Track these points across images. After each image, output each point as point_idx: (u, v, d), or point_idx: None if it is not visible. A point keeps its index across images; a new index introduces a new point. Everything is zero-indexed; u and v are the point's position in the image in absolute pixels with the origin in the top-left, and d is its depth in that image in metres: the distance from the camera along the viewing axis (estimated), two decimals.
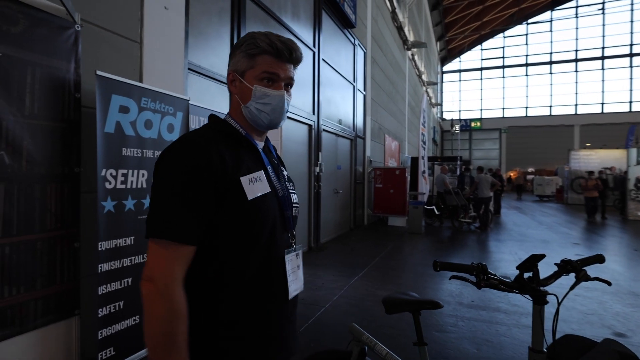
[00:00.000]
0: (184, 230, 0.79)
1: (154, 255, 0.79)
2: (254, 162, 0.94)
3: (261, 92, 0.93)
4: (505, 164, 33.79)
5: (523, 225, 10.18)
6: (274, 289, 0.92)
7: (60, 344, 2.27)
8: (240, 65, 0.94)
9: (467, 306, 3.78)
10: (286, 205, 0.98)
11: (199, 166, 0.82)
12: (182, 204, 0.80)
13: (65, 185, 2.28)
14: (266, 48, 0.91)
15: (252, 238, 0.88)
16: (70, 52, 2.30)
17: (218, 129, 0.95)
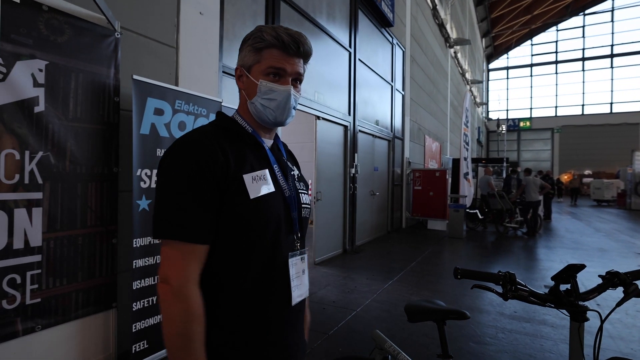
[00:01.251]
0: (194, 230, 0.78)
1: (167, 256, 0.78)
2: (259, 160, 0.91)
3: (266, 87, 0.89)
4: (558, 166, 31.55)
5: (577, 232, 9.41)
6: (276, 293, 0.88)
7: (99, 335, 2.39)
8: (247, 60, 0.92)
9: (509, 317, 3.53)
10: (293, 206, 0.94)
11: (202, 164, 0.80)
12: (190, 202, 0.78)
13: (104, 184, 2.41)
14: (272, 41, 0.88)
15: (254, 239, 0.85)
16: (110, 59, 2.43)
17: (223, 125, 0.93)
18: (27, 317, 2.04)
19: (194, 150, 0.82)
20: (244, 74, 0.93)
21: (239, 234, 0.84)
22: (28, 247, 2.04)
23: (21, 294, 2.01)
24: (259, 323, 0.85)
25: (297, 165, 1.13)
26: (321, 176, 5.60)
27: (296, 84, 0.94)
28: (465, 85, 21.05)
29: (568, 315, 1.00)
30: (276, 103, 0.90)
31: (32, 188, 2.06)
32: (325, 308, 3.70)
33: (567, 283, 1.02)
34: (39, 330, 2.09)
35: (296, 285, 0.92)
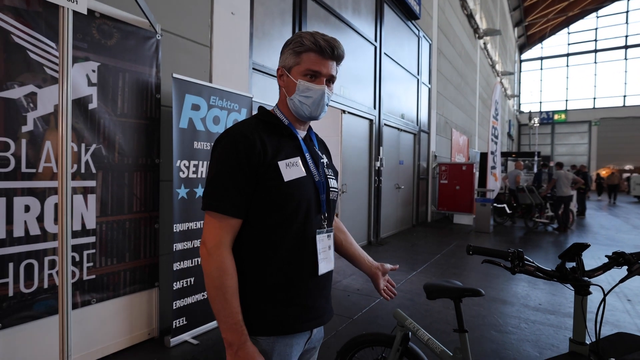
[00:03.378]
0: (231, 206, 0.94)
1: (208, 224, 0.96)
2: (292, 149, 1.05)
3: (304, 86, 1.03)
4: (596, 161, 30.08)
5: (612, 229, 9.06)
6: (305, 264, 1.03)
7: (144, 310, 2.64)
8: (288, 62, 1.05)
9: (533, 309, 3.55)
10: (322, 189, 1.08)
11: (242, 153, 0.96)
12: (230, 183, 0.94)
13: (148, 174, 2.64)
14: (310, 46, 1.01)
15: (288, 216, 0.99)
16: (152, 59, 2.64)
17: (264, 119, 1.07)
18: (85, 291, 2.30)
19: (237, 141, 0.98)
20: (285, 74, 1.07)
21: (276, 211, 0.98)
22: (84, 229, 2.30)
23: (79, 271, 2.28)
24: (289, 287, 1.00)
25: (328, 154, 1.26)
26: (346, 169, 5.72)
27: (329, 84, 1.07)
28: (495, 77, 20.44)
29: (572, 289, 1.09)
30: (312, 100, 1.04)
31: (88, 177, 2.31)
32: (350, 295, 3.84)
33: (573, 261, 1.10)
34: (94, 304, 2.35)
35: (323, 259, 1.05)
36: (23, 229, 2.03)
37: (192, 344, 2.64)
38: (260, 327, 0.98)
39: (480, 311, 3.46)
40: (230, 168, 0.95)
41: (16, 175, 2.00)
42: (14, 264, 1.99)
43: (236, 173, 0.95)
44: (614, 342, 1.12)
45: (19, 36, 1.99)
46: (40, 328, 2.09)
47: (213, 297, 0.92)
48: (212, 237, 0.94)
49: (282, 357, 0.99)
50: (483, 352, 2.68)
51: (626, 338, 1.15)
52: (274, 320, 0.98)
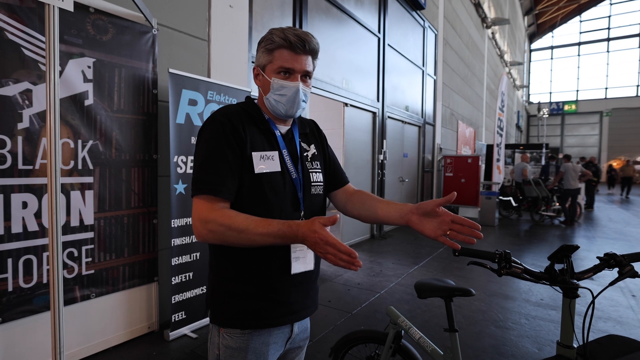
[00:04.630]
0: (223, 187, 0.93)
1: (197, 205, 0.93)
2: (270, 143, 1.04)
3: (278, 84, 1.01)
4: (607, 152, 29.56)
5: (621, 222, 8.92)
6: (276, 262, 1.00)
7: (144, 304, 2.67)
8: (262, 60, 1.03)
9: (535, 304, 3.52)
10: (299, 186, 1.05)
11: (232, 135, 0.96)
12: (222, 165, 0.94)
13: (145, 169, 2.65)
14: (281, 42, 0.98)
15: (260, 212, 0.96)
16: (149, 54, 2.63)
17: (247, 109, 1.06)
18: (84, 285, 2.33)
19: (224, 124, 0.98)
20: (260, 73, 1.05)
21: (248, 204, 0.98)
22: (82, 224, 2.32)
23: (78, 266, 2.30)
24: (259, 282, 0.99)
25: (321, 143, 1.22)
26: (349, 162, 5.69)
27: (305, 79, 1.04)
28: (503, 67, 20.09)
29: (561, 292, 1.07)
30: (286, 98, 1.02)
31: (85, 173, 2.32)
32: (350, 290, 3.84)
33: (562, 263, 1.08)
34: (94, 298, 2.38)
35: (296, 257, 1.02)
36: (21, 225, 2.05)
37: (191, 337, 2.67)
38: (230, 319, 0.99)
39: (481, 306, 3.44)
40: (221, 150, 0.95)
41: (13, 172, 2.01)
42: (13, 260, 2.02)
43: (226, 155, 0.95)
44: (604, 345, 1.10)
45: (12, 33, 1.98)
46: (39, 322, 2.12)
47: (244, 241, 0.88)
48: (201, 210, 0.91)
49: (257, 355, 0.99)
50: (482, 348, 2.67)
51: (617, 341, 1.13)
52: (245, 312, 0.98)
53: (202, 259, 2.83)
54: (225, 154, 0.95)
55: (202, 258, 2.83)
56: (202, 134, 1.00)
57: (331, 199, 1.27)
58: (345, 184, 1.25)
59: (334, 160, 1.26)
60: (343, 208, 1.23)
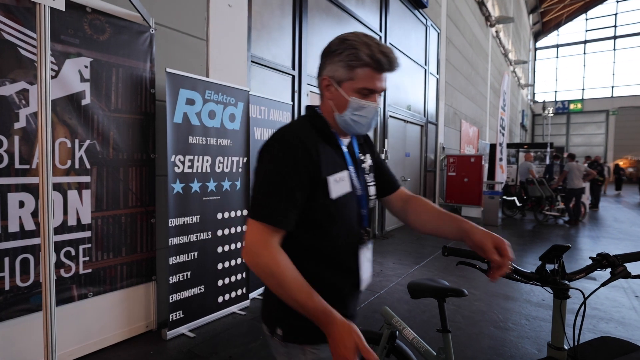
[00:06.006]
0: (283, 218, 0.88)
1: (253, 230, 0.89)
2: (339, 161, 1.00)
3: (358, 104, 0.95)
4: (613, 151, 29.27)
5: (626, 222, 8.83)
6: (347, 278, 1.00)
7: (142, 303, 2.68)
8: (339, 74, 0.95)
9: (536, 304, 3.49)
10: (363, 203, 1.04)
11: (299, 163, 0.90)
12: (285, 193, 0.88)
13: (143, 169, 2.65)
14: (368, 62, 0.91)
15: (332, 234, 0.96)
16: (146, 53, 2.63)
17: (315, 123, 1.00)
18: (81, 284, 2.34)
19: (293, 146, 0.91)
20: (333, 86, 0.97)
21: (318, 228, 0.95)
22: (80, 224, 2.33)
23: (75, 265, 2.31)
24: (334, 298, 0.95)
25: (372, 151, 1.20)
26: None
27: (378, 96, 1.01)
28: (507, 66, 19.95)
29: (552, 293, 1.05)
30: (366, 119, 0.97)
31: (82, 172, 2.33)
32: None
33: (553, 263, 1.06)
34: (91, 297, 2.39)
35: (364, 271, 1.04)
36: (18, 224, 2.06)
37: (189, 336, 2.67)
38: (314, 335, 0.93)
39: (481, 307, 3.41)
40: (285, 176, 0.89)
41: (10, 171, 2.02)
42: (10, 259, 2.03)
43: (291, 182, 0.89)
44: (596, 347, 1.08)
45: (9, 33, 1.99)
46: (36, 321, 2.13)
47: (281, 295, 0.86)
48: (257, 239, 0.88)
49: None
50: (480, 348, 2.65)
51: (610, 343, 1.11)
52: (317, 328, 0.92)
53: (199, 259, 2.83)
54: (292, 181, 0.89)
55: (200, 257, 2.83)
56: (268, 151, 0.93)
57: (385, 205, 1.24)
58: (397, 189, 1.22)
59: (384, 165, 1.22)
60: (403, 218, 1.19)
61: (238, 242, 3.16)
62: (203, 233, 2.85)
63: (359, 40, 0.92)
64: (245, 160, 3.23)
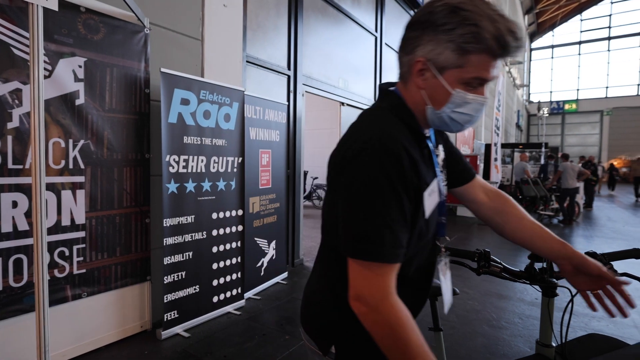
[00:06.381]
0: (398, 250, 0.69)
1: (364, 275, 0.68)
2: (429, 167, 0.80)
3: (462, 99, 0.73)
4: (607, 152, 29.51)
5: (620, 221, 8.91)
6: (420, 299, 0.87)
7: (136, 303, 2.68)
8: (443, 59, 0.71)
9: (529, 303, 3.52)
10: (443, 209, 0.86)
11: (407, 173, 0.70)
12: (394, 219, 0.68)
13: (138, 169, 2.65)
14: (491, 46, 0.67)
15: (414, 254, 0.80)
16: (141, 53, 2.63)
17: (402, 118, 0.78)
18: (75, 285, 2.34)
19: (400, 160, 0.69)
20: (430, 72, 0.73)
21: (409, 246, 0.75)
22: (74, 224, 2.32)
23: (69, 265, 2.31)
24: None
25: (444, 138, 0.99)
26: None
27: None
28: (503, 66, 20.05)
29: (540, 291, 1.07)
30: (468, 118, 0.76)
31: (76, 172, 2.32)
32: None
33: (542, 261, 1.08)
34: (85, 297, 2.39)
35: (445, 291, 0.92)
36: (11, 224, 2.05)
37: (184, 336, 2.67)
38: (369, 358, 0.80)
39: (475, 305, 3.44)
40: (398, 196, 0.68)
41: (3, 171, 2.01)
42: (3, 259, 2.02)
43: (404, 203, 0.69)
44: (584, 344, 1.10)
45: (2, 32, 1.99)
46: (29, 321, 2.12)
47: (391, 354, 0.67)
48: (373, 289, 0.67)
49: None
50: (474, 347, 2.67)
51: (598, 340, 1.13)
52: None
53: (194, 259, 2.83)
54: (402, 201, 0.69)
55: (195, 257, 2.83)
56: (365, 161, 0.69)
57: (456, 194, 1.05)
58: (472, 178, 1.03)
59: (456, 151, 1.02)
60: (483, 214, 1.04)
61: (233, 242, 3.17)
62: (198, 233, 2.85)
63: (479, 12, 0.67)
64: (240, 160, 3.23)
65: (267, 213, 3.66)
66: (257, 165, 3.52)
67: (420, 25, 0.73)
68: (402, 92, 0.81)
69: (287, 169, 4.22)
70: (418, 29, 0.73)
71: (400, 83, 0.82)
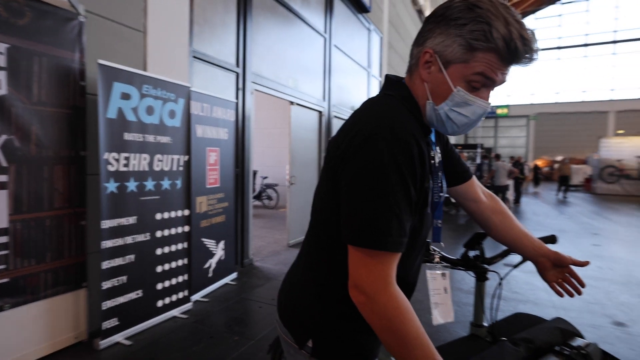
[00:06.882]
0: (402, 239, 0.68)
1: (365, 263, 0.68)
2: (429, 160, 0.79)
3: (463, 98, 0.72)
4: (533, 153, 32.60)
5: (542, 215, 9.90)
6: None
7: (70, 313, 2.48)
8: (450, 53, 0.70)
9: (466, 292, 3.79)
10: (439, 211, 0.85)
11: (417, 163, 0.70)
12: (402, 206, 0.68)
13: (72, 167, 2.46)
14: (499, 46, 0.66)
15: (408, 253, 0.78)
16: (75, 43, 2.44)
17: (410, 110, 0.77)
18: None
19: (410, 148, 0.68)
20: (437, 65, 0.73)
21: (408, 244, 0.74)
22: None
23: None
24: None
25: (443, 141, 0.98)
26: (295, 160, 5.71)
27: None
28: None
29: (474, 276, 1.17)
30: (466, 120, 0.75)
31: None
32: None
33: (475, 249, 1.19)
34: (8, 309, 2.16)
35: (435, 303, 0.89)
36: None
37: (125, 345, 2.52)
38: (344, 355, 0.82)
39: (418, 297, 3.61)
40: (406, 185, 0.68)
41: None
42: None
43: (410, 192, 0.69)
44: (511, 322, 1.23)
45: None
46: None
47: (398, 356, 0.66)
48: (373, 278, 0.67)
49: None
50: None
51: (522, 318, 1.26)
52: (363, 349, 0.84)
53: (137, 262, 2.68)
54: (409, 191, 0.68)
55: (137, 260, 2.68)
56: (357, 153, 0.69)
57: (452, 194, 1.08)
58: (469, 178, 1.06)
59: (454, 153, 1.03)
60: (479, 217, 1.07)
61: (179, 243, 3.05)
62: (141, 234, 2.71)
63: (494, 12, 0.66)
64: (187, 159, 3.12)
65: (215, 213, 3.57)
66: (205, 164, 3.42)
67: (436, 19, 0.73)
68: (409, 85, 0.81)
69: (236, 167, 4.14)
70: (433, 23, 0.74)
71: (407, 76, 0.82)
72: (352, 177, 0.69)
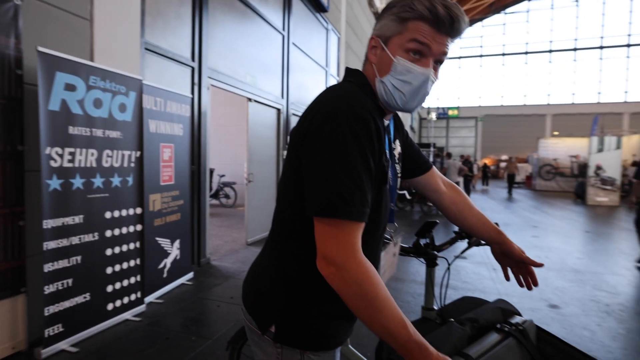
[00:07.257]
0: (365, 209, 0.72)
1: (332, 234, 0.70)
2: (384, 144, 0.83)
3: (403, 66, 0.78)
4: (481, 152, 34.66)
5: (488, 210, 10.58)
6: None
7: (6, 321, 2.29)
8: (387, 30, 0.79)
9: (420, 283, 3.97)
10: (393, 195, 0.91)
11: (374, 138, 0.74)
12: (363, 177, 0.72)
13: (7, 163, 2.27)
14: (423, 12, 0.74)
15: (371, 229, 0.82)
16: (9, 27, 2.25)
17: (367, 94, 0.82)
18: None
19: (368, 125, 0.73)
20: (379, 46, 0.81)
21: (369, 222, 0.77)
22: None
23: None
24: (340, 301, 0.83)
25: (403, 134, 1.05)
26: (253, 158, 5.65)
27: (437, 66, 0.82)
28: None
29: (425, 262, 1.25)
30: (410, 87, 0.79)
31: None
32: None
33: (426, 237, 1.26)
34: None
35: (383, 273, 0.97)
36: None
37: (70, 352, 2.37)
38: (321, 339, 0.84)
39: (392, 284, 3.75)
40: (366, 158, 0.72)
41: None
42: None
43: (370, 165, 0.73)
44: (458, 305, 1.32)
45: None
46: None
47: (369, 320, 0.69)
48: (340, 247, 0.69)
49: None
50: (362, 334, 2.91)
51: (468, 301, 1.36)
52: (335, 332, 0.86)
53: (84, 263, 2.53)
54: (369, 163, 0.73)
55: (85, 262, 2.53)
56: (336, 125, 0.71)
57: (414, 185, 1.15)
58: (429, 169, 1.13)
59: (414, 146, 1.11)
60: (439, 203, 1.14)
61: (131, 242, 2.91)
62: (88, 234, 2.56)
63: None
64: (139, 155, 2.98)
65: (170, 211, 3.45)
66: (158, 160, 3.29)
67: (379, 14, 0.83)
68: (364, 73, 0.88)
69: (192, 164, 4.03)
70: (377, 19, 0.84)
71: (362, 67, 0.90)
72: (314, 152, 0.73)
